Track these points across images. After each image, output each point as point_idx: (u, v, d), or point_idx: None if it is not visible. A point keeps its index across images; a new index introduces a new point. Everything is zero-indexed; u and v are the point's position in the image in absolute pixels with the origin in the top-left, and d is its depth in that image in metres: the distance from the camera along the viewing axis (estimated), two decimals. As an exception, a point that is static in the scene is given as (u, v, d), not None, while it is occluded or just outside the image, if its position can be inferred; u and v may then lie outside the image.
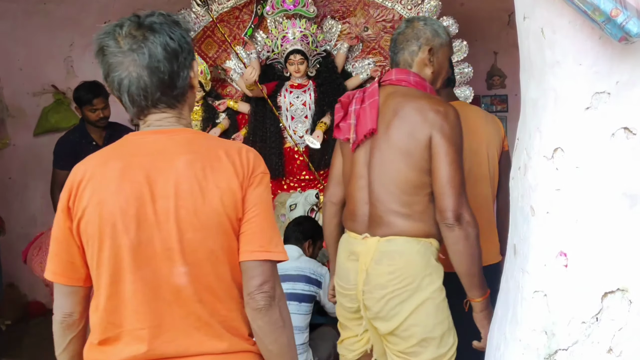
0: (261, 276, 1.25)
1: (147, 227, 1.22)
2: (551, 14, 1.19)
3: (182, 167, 1.23)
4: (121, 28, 1.23)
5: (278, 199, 3.71)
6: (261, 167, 1.30)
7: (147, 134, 1.29)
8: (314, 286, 2.84)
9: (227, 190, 1.23)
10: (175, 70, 1.25)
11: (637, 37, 1.05)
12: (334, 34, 3.77)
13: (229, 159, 1.26)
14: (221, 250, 1.24)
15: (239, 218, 1.25)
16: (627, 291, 1.17)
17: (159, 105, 1.28)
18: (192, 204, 1.22)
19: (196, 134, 1.34)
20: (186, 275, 1.22)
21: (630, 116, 1.14)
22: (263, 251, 1.25)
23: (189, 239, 1.22)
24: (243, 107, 3.83)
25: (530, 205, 1.28)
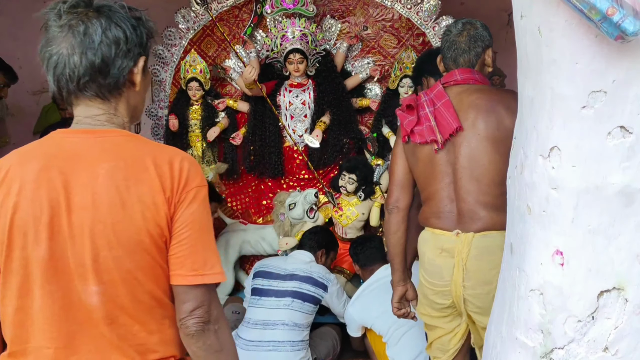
0: (193, 301, 1.15)
1: (60, 239, 1.11)
2: (548, 12, 1.19)
3: (103, 176, 1.12)
4: (65, 4, 1.15)
5: (277, 198, 3.71)
6: (197, 179, 1.17)
7: (72, 133, 1.18)
8: (320, 289, 2.87)
9: (150, 205, 1.12)
10: (111, 56, 1.15)
11: (633, 35, 1.06)
12: (334, 33, 3.78)
13: (156, 170, 1.13)
14: (140, 270, 1.14)
15: (164, 237, 1.14)
16: (622, 290, 1.17)
17: (86, 91, 1.16)
18: (110, 218, 1.10)
19: (126, 137, 1.19)
20: (98, 295, 1.12)
21: (626, 115, 1.15)
22: (195, 275, 1.15)
23: (104, 256, 1.11)
24: (242, 106, 3.83)
25: (527, 204, 1.28)
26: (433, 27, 3.68)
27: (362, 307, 2.80)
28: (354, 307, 2.85)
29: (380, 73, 3.73)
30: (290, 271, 2.91)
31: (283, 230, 3.62)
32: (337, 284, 2.97)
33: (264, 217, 3.93)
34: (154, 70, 3.93)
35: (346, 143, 3.74)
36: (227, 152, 3.87)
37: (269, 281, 2.90)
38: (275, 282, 2.88)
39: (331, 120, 3.69)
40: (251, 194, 3.95)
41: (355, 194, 3.56)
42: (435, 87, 1.99)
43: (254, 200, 3.95)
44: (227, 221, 3.88)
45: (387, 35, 3.77)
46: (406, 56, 3.59)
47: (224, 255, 3.72)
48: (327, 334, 3.08)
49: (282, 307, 2.80)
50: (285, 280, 2.87)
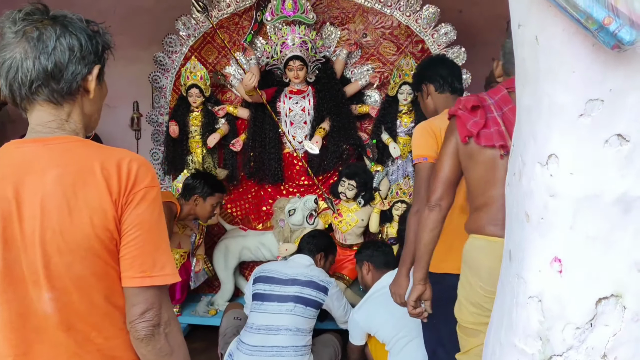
0: (143, 304, 1.15)
1: (14, 248, 1.13)
2: (545, 21, 1.20)
3: (51, 183, 1.12)
4: (21, 12, 1.16)
5: (277, 204, 3.72)
6: (146, 180, 1.17)
7: (24, 143, 1.19)
8: (321, 293, 2.88)
9: (98, 209, 1.12)
10: (64, 62, 1.15)
11: (629, 45, 1.06)
12: (333, 40, 3.80)
13: (103, 173, 1.13)
14: (93, 275, 1.14)
15: (114, 239, 1.15)
16: (621, 297, 1.17)
17: (38, 96, 1.17)
18: (58, 225, 1.11)
19: (76, 143, 1.19)
20: (52, 302, 1.13)
21: (624, 123, 1.15)
22: (144, 277, 1.15)
23: (55, 263, 1.12)
24: (242, 112, 3.85)
25: (525, 211, 1.28)
26: (432, 35, 3.70)
27: (368, 314, 2.79)
28: (359, 313, 2.84)
29: (380, 80, 3.75)
30: (292, 276, 2.92)
31: (283, 236, 3.63)
32: (336, 287, 2.99)
33: (264, 223, 3.93)
34: (154, 77, 3.95)
35: (346, 149, 3.75)
36: (227, 158, 3.88)
37: (270, 286, 2.90)
38: (277, 287, 2.89)
39: (331, 127, 3.71)
40: (251, 200, 3.96)
41: (354, 200, 3.57)
42: (499, 91, 1.94)
43: (253, 207, 3.96)
44: (227, 227, 3.89)
45: (387, 43, 3.79)
46: (405, 63, 3.60)
47: (224, 261, 3.73)
48: (329, 340, 3.08)
49: (285, 312, 2.81)
50: (287, 285, 2.88)
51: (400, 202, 3.60)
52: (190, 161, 3.88)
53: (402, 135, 3.71)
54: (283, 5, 3.55)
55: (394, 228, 3.62)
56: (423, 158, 2.20)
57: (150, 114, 4.00)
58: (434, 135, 2.20)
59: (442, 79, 2.41)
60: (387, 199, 3.65)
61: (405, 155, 3.73)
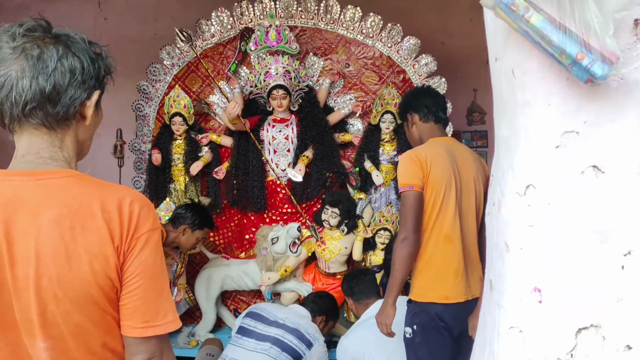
0: (144, 353, 1.09)
1: (5, 293, 1.04)
2: (521, 55, 1.23)
3: (47, 225, 1.03)
4: (21, 27, 1.07)
5: (260, 232, 3.70)
6: (148, 223, 1.09)
7: (11, 175, 1.08)
8: (304, 345, 2.81)
9: (99, 255, 1.04)
10: (63, 84, 1.06)
11: (602, 79, 1.10)
12: (316, 70, 3.84)
13: (104, 216, 1.05)
14: (91, 323, 1.07)
15: (114, 288, 1.07)
16: (600, 327, 1.18)
17: (32, 119, 1.07)
18: (55, 271, 1.02)
19: (71, 179, 1.09)
20: (47, 351, 1.05)
21: (599, 155, 1.18)
22: (147, 327, 1.08)
23: (52, 311, 1.04)
24: (226, 140, 3.85)
25: (505, 241, 1.30)
26: (413, 65, 3.77)
27: (358, 341, 2.75)
28: (349, 339, 2.80)
29: (362, 109, 3.79)
30: (280, 319, 2.87)
31: (266, 264, 3.59)
32: (324, 348, 2.90)
33: (247, 252, 3.90)
34: (137, 105, 3.95)
35: (329, 177, 3.76)
36: (210, 186, 3.87)
37: (255, 323, 2.87)
38: (260, 325, 2.85)
39: (314, 155, 3.72)
40: (234, 228, 3.94)
41: (338, 227, 3.56)
42: None
43: (236, 235, 3.93)
44: (210, 256, 3.85)
45: (369, 73, 3.85)
46: (387, 92, 3.66)
47: (206, 291, 3.67)
48: None
49: (259, 350, 2.74)
50: (270, 326, 2.83)
51: (383, 229, 3.60)
52: (173, 189, 3.85)
53: (385, 163, 3.74)
54: (267, 35, 3.59)
55: (377, 256, 3.61)
56: (409, 187, 2.21)
57: (133, 142, 3.98)
58: (419, 164, 2.22)
59: (427, 109, 2.45)
60: (370, 227, 3.65)
61: (387, 183, 3.75)
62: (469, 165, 2.36)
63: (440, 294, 2.23)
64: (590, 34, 1.07)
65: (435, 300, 2.23)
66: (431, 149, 2.30)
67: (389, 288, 2.26)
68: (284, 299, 3.62)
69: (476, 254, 2.34)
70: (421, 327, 2.25)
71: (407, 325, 2.28)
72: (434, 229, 2.24)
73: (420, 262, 2.27)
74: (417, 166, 2.22)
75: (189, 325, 3.79)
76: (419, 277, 2.28)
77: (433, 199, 2.22)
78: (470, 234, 2.32)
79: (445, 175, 2.24)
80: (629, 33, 1.13)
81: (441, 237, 2.24)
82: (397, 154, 3.69)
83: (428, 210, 2.24)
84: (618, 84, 1.14)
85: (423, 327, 2.25)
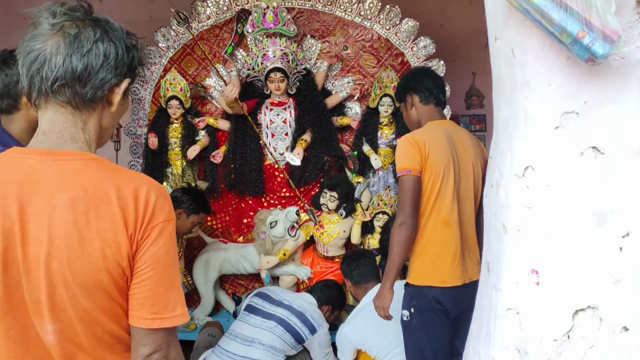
0: (151, 345, 1.08)
1: (15, 272, 1.03)
2: (521, 35, 1.21)
3: (61, 208, 1.02)
4: (63, 6, 1.08)
5: (258, 216, 3.70)
6: (163, 213, 1.08)
7: (28, 153, 1.08)
8: (307, 329, 2.85)
9: (112, 242, 1.04)
10: (95, 66, 1.07)
11: (603, 58, 1.08)
12: (314, 53, 3.81)
13: (119, 202, 1.04)
14: (99, 310, 1.06)
15: (125, 276, 1.07)
16: (597, 309, 1.18)
17: (59, 96, 1.07)
18: (66, 255, 1.02)
19: (89, 162, 1.08)
20: (54, 334, 1.05)
21: (598, 136, 1.17)
22: (155, 319, 1.07)
23: (61, 294, 1.03)
24: (223, 124, 3.83)
25: (502, 223, 1.29)
26: (411, 48, 3.73)
27: (358, 328, 2.76)
28: (349, 326, 2.81)
29: (360, 92, 3.76)
30: (288, 301, 2.92)
31: (264, 248, 3.60)
32: (327, 334, 2.92)
33: (245, 236, 3.90)
34: (133, 89, 3.91)
35: (327, 161, 3.75)
36: (207, 171, 3.85)
37: (263, 302, 2.93)
38: (267, 305, 2.91)
39: (312, 139, 3.70)
40: (232, 213, 3.93)
41: (336, 211, 3.56)
42: None
43: (234, 219, 3.93)
44: (207, 240, 3.85)
45: (367, 55, 3.82)
46: (386, 75, 3.63)
47: (204, 275, 3.68)
48: None
49: (265, 328, 2.80)
50: (277, 306, 2.89)
51: (381, 213, 3.60)
52: (170, 173, 3.84)
53: (383, 147, 3.72)
54: (264, 17, 3.55)
55: (375, 239, 3.61)
56: (407, 171, 2.20)
57: (129, 126, 3.96)
58: (417, 148, 2.20)
59: (427, 91, 2.41)
60: (369, 210, 3.64)
61: (386, 167, 3.74)
62: (468, 149, 2.34)
63: (437, 278, 2.23)
64: (591, 12, 1.05)
65: (433, 283, 2.23)
66: (430, 133, 2.28)
67: (386, 272, 2.26)
68: (283, 282, 3.63)
69: (474, 237, 2.34)
70: (418, 310, 2.25)
71: (405, 308, 2.29)
72: (432, 213, 2.23)
73: (418, 246, 2.26)
74: (416, 150, 2.20)
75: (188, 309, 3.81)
76: (417, 261, 2.28)
77: (431, 183, 2.21)
78: (469, 218, 2.31)
79: (444, 159, 2.23)
80: (631, 11, 1.11)
81: (439, 221, 2.24)
82: (395, 137, 3.68)
83: (426, 194, 2.23)
84: (619, 64, 1.13)
85: (420, 310, 2.25)
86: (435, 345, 2.26)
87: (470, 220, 2.33)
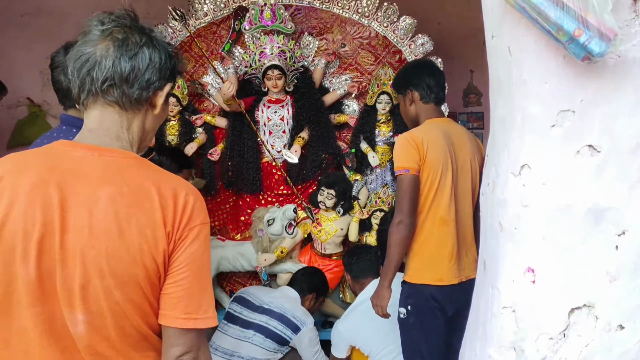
0: (182, 346, 1.10)
1: (49, 259, 1.05)
2: (517, 33, 1.21)
3: (104, 200, 1.06)
4: (112, 15, 1.16)
5: (256, 214, 3.69)
6: (201, 216, 1.13)
7: (75, 146, 1.13)
8: (289, 330, 2.77)
9: (150, 238, 1.07)
10: (142, 69, 1.14)
11: (599, 56, 1.08)
12: (312, 50, 3.80)
13: (160, 200, 1.09)
14: (129, 303, 1.08)
15: (159, 273, 1.09)
16: (593, 307, 1.18)
17: (108, 96, 1.13)
18: (105, 246, 1.05)
19: (131, 161, 1.14)
20: (84, 324, 1.06)
21: (595, 134, 1.17)
22: (188, 319, 1.10)
23: (95, 285, 1.05)
24: (220, 121, 3.82)
25: (499, 221, 1.29)
26: (409, 45, 3.73)
27: (353, 325, 2.76)
28: (344, 324, 2.80)
29: (358, 89, 3.76)
30: (266, 304, 2.83)
31: (262, 246, 3.59)
32: (312, 330, 2.85)
33: (242, 234, 3.90)
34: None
35: (325, 159, 3.74)
36: (204, 168, 3.84)
37: (241, 308, 2.84)
38: (245, 311, 2.82)
39: (310, 136, 3.70)
40: (229, 210, 3.92)
41: (334, 209, 3.56)
42: None
43: (232, 217, 3.92)
44: (205, 237, 3.84)
45: (365, 53, 3.81)
46: (383, 73, 3.62)
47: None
48: None
49: (243, 339, 2.73)
50: (255, 312, 2.80)
51: (379, 210, 3.59)
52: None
53: (381, 145, 3.72)
54: (261, 14, 3.54)
55: (373, 237, 3.61)
56: (405, 170, 2.19)
57: (127, 123, 3.95)
58: (416, 147, 2.19)
59: (429, 89, 2.36)
60: (366, 208, 3.64)
61: (383, 165, 3.74)
62: (465, 147, 2.34)
63: (434, 276, 2.24)
64: (588, 10, 1.05)
65: (430, 282, 2.24)
66: (428, 132, 2.27)
67: (384, 271, 2.26)
68: (280, 279, 3.63)
69: (472, 235, 2.34)
70: (415, 307, 2.25)
71: (402, 306, 2.29)
72: (430, 212, 2.23)
73: (415, 245, 2.26)
74: (414, 149, 2.19)
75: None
76: (414, 259, 2.28)
77: (429, 182, 2.21)
78: (466, 216, 2.31)
79: (442, 158, 2.22)
80: (627, 9, 1.11)
81: (436, 220, 2.24)
82: (393, 135, 3.68)
83: (424, 193, 2.22)
84: (615, 62, 1.13)
85: (417, 308, 2.25)
86: (432, 342, 2.26)
87: (468, 218, 2.33)
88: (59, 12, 4.24)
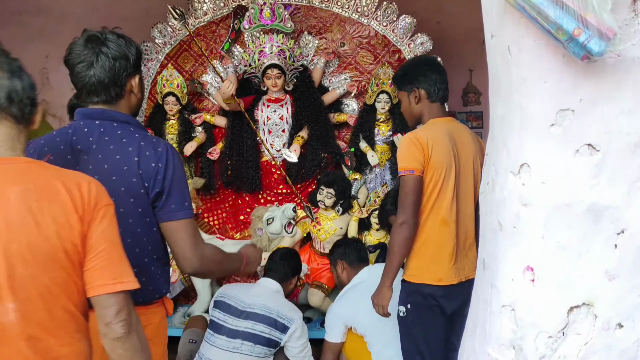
0: (116, 306, 1.23)
1: None
2: (517, 32, 1.21)
3: (14, 198, 1.17)
4: None
5: (255, 213, 3.70)
6: (104, 199, 1.27)
7: None
8: (278, 331, 2.66)
9: (65, 224, 1.19)
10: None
11: (598, 55, 1.08)
12: (311, 49, 3.80)
13: (67, 191, 1.21)
14: (56, 286, 1.20)
15: (78, 253, 1.22)
16: (592, 306, 1.18)
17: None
18: (24, 237, 1.16)
19: (31, 164, 1.25)
20: (14, 312, 1.17)
21: (594, 133, 1.17)
22: (116, 283, 1.24)
23: (20, 274, 1.16)
24: (220, 120, 3.82)
25: (498, 220, 1.29)
26: (409, 44, 3.73)
27: (349, 305, 2.75)
28: (340, 304, 2.80)
29: (357, 89, 3.76)
30: (249, 307, 2.69)
31: (261, 245, 3.59)
32: (301, 324, 2.73)
33: (242, 233, 3.90)
34: (130, 85, 3.90)
35: (324, 158, 3.75)
36: (204, 167, 3.85)
37: (225, 315, 2.70)
38: (230, 319, 2.68)
39: (309, 135, 3.70)
40: (228, 209, 3.93)
41: (333, 208, 3.56)
42: None
43: (231, 216, 3.92)
44: (204, 237, 3.84)
45: (364, 52, 3.81)
46: (383, 72, 3.62)
47: (201, 271, 3.67)
48: None
49: (232, 349, 2.62)
50: (240, 319, 2.67)
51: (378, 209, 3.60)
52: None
53: (380, 144, 3.72)
54: (261, 13, 3.54)
55: (372, 236, 3.62)
56: (409, 171, 2.17)
57: (126, 122, 3.94)
58: (420, 147, 2.17)
59: (437, 87, 2.31)
60: (366, 207, 3.64)
61: (383, 164, 3.74)
62: (468, 147, 2.33)
63: (434, 276, 2.24)
64: (587, 10, 1.05)
65: (429, 282, 2.24)
66: (432, 132, 2.25)
67: (385, 271, 2.25)
68: (279, 279, 3.62)
69: (473, 235, 2.33)
70: (415, 306, 2.26)
71: (401, 305, 2.29)
72: (432, 212, 2.23)
73: (415, 244, 2.26)
74: (419, 150, 2.18)
75: (185, 305, 3.81)
76: (414, 259, 2.28)
77: (433, 182, 2.20)
78: (468, 216, 2.31)
79: (446, 159, 2.21)
80: (627, 9, 1.11)
81: (438, 220, 2.23)
82: (392, 134, 3.68)
83: (427, 193, 2.22)
84: (615, 61, 1.13)
85: (417, 306, 2.25)
86: (431, 340, 2.27)
87: (470, 218, 2.32)
88: (58, 11, 4.24)
